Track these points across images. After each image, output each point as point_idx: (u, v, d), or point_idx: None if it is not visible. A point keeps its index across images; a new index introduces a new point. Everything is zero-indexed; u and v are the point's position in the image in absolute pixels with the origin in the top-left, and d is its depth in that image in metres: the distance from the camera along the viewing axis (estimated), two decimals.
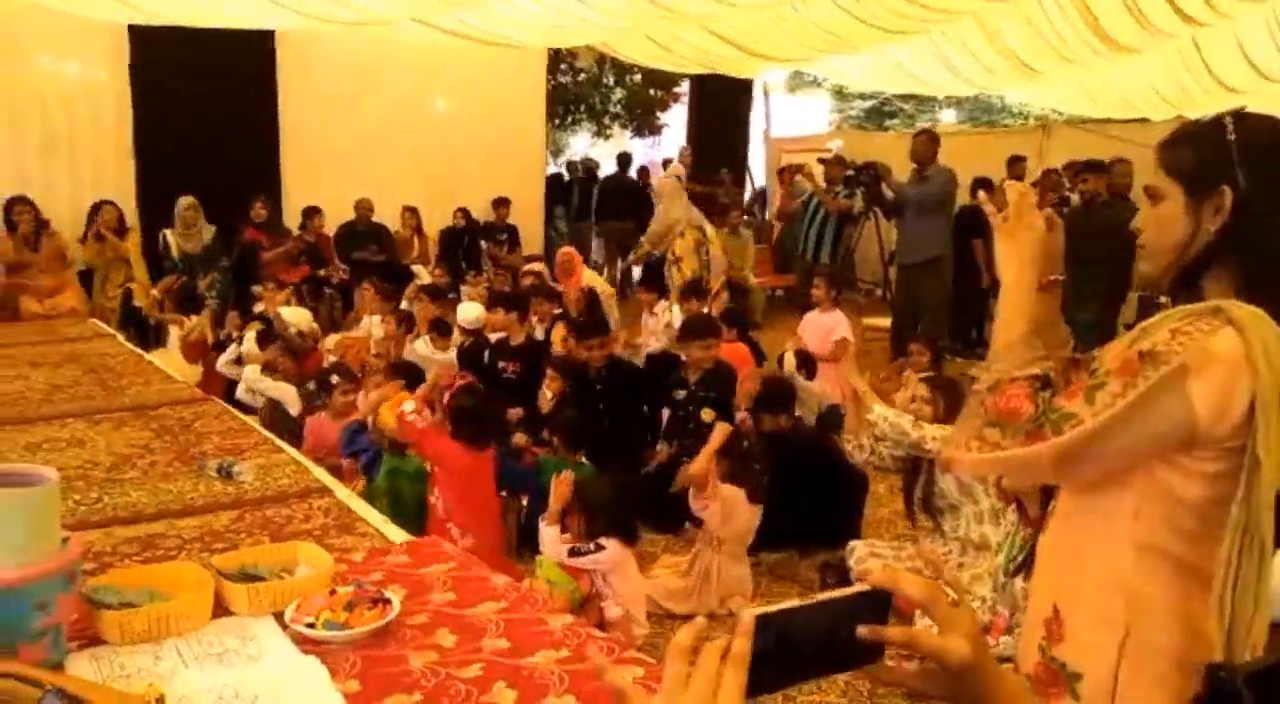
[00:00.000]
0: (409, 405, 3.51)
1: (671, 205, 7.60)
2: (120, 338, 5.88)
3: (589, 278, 7.55)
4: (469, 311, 5.67)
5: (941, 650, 0.86)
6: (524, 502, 3.96)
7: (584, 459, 3.97)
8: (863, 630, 0.83)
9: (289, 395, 4.86)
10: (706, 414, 4.25)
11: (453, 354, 5.44)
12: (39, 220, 6.88)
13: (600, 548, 3.00)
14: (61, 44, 7.30)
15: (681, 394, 4.61)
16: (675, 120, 15.20)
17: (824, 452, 4.21)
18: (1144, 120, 9.55)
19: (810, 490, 3.94)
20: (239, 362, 5.41)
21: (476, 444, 3.42)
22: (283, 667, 1.55)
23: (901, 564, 3.53)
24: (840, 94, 17.11)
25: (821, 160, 8.12)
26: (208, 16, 6.00)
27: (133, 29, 7.17)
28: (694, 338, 4.71)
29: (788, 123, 14.57)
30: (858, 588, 0.85)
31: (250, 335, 5.49)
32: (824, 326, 5.97)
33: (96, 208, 7.10)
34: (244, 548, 2.65)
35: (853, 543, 3.69)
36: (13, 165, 7.13)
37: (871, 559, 3.56)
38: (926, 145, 6.82)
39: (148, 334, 6.50)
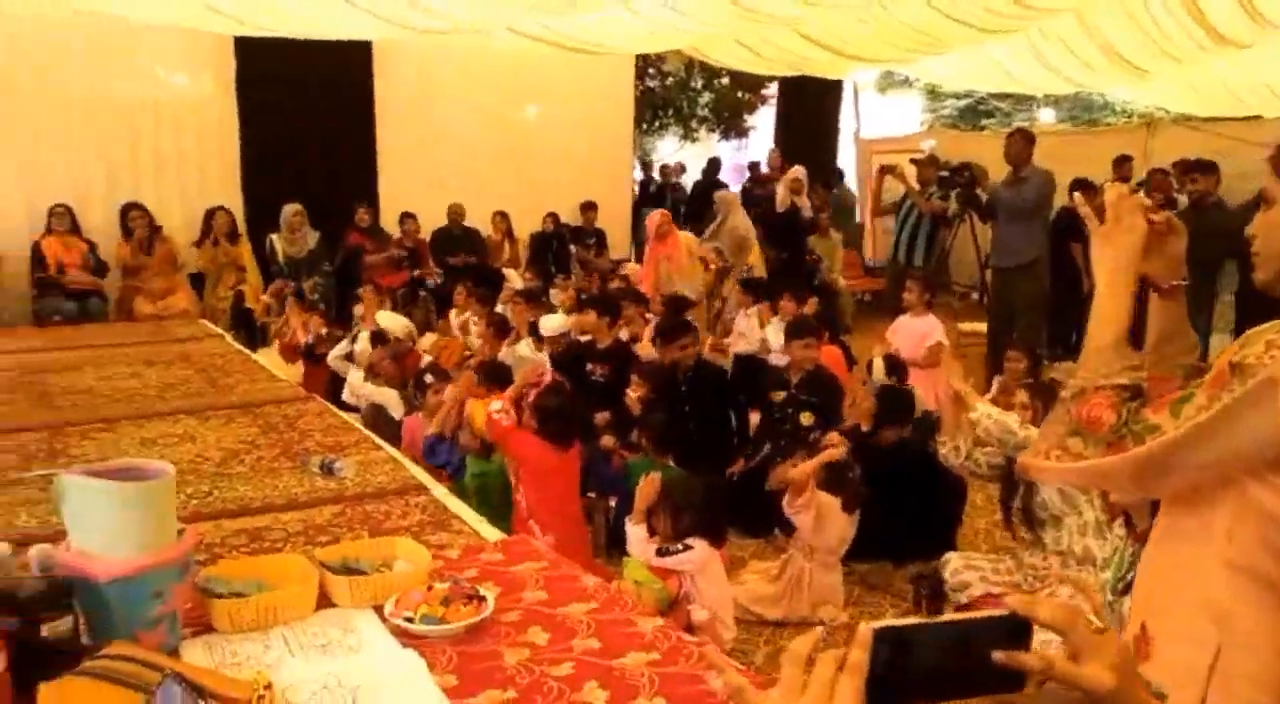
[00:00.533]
0: (497, 405, 3.57)
1: (732, 216, 7.62)
2: (228, 338, 6.13)
3: (685, 239, 7.58)
4: (550, 322, 5.72)
5: (1083, 680, 0.82)
6: (612, 503, 3.99)
7: (672, 462, 3.98)
8: (998, 655, 0.80)
9: (391, 399, 4.98)
10: (805, 417, 4.21)
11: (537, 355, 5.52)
12: (152, 226, 7.23)
13: (687, 548, 3.00)
14: (172, 58, 7.66)
15: (780, 395, 4.61)
16: (763, 123, 15.10)
17: (921, 460, 4.14)
18: (1256, 117, 9.09)
19: (906, 499, 3.86)
20: (349, 358, 5.57)
21: (561, 443, 3.46)
22: (383, 659, 1.60)
23: (1000, 577, 3.43)
24: (933, 93, 16.75)
25: (914, 161, 7.94)
26: (308, 28, 6.21)
27: (239, 43, 7.49)
28: (795, 337, 4.77)
29: (879, 123, 14.32)
30: (992, 611, 0.82)
31: (364, 335, 5.65)
32: (916, 331, 5.86)
33: (211, 214, 7.43)
34: (345, 542, 2.74)
35: (948, 555, 3.60)
36: (128, 173, 7.51)
37: (967, 572, 3.47)
38: (1022, 145, 6.63)
39: (255, 335, 6.78)
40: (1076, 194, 1.74)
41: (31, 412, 4.15)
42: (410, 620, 1.66)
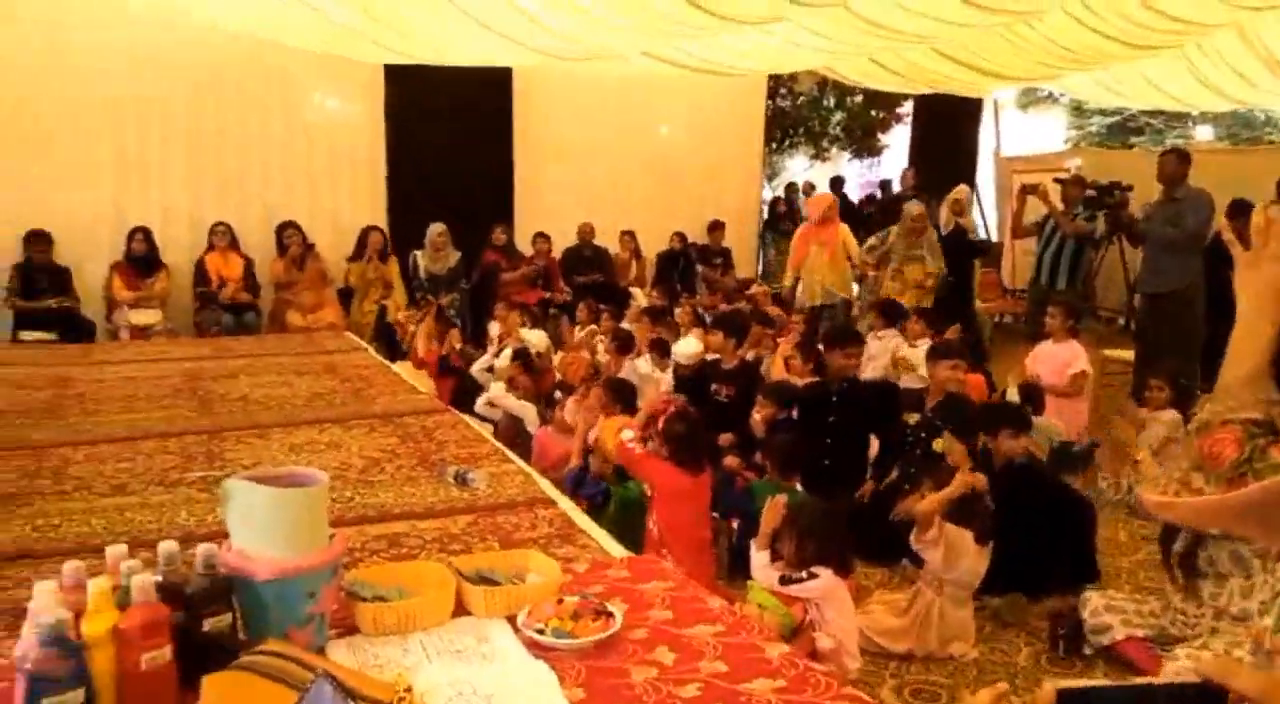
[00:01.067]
0: (629, 434, 3.60)
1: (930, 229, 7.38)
2: (371, 351, 6.43)
3: (844, 233, 7.48)
4: (685, 347, 5.72)
5: None
6: (735, 526, 3.97)
7: (798, 485, 3.93)
8: None
9: (529, 414, 5.11)
10: (939, 444, 4.09)
11: (659, 373, 5.54)
12: (305, 244, 7.65)
13: (813, 576, 2.95)
14: (327, 84, 8.12)
15: (914, 417, 4.49)
16: (897, 141, 14.81)
17: (1055, 489, 3.96)
18: None
19: (1040, 530, 3.70)
20: (490, 371, 5.74)
21: (691, 469, 3.47)
22: (515, 668, 1.64)
23: (1144, 621, 3.24)
24: (1078, 110, 16.05)
25: (1058, 180, 7.62)
26: (454, 56, 6.49)
27: (388, 70, 7.88)
28: (942, 358, 4.61)
29: (1020, 141, 13.81)
30: (1183, 679, 0.79)
31: (508, 351, 5.80)
32: (1058, 358, 5.61)
33: (366, 232, 7.83)
34: (479, 552, 2.83)
35: (1087, 593, 3.43)
36: (284, 193, 7.99)
37: (1108, 613, 3.29)
38: (1176, 165, 6.26)
39: (395, 348, 7.07)
40: (1223, 218, 1.65)
41: (193, 417, 4.45)
42: (541, 632, 1.70)
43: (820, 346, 4.98)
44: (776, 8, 4.71)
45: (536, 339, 6.38)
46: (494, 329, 7.14)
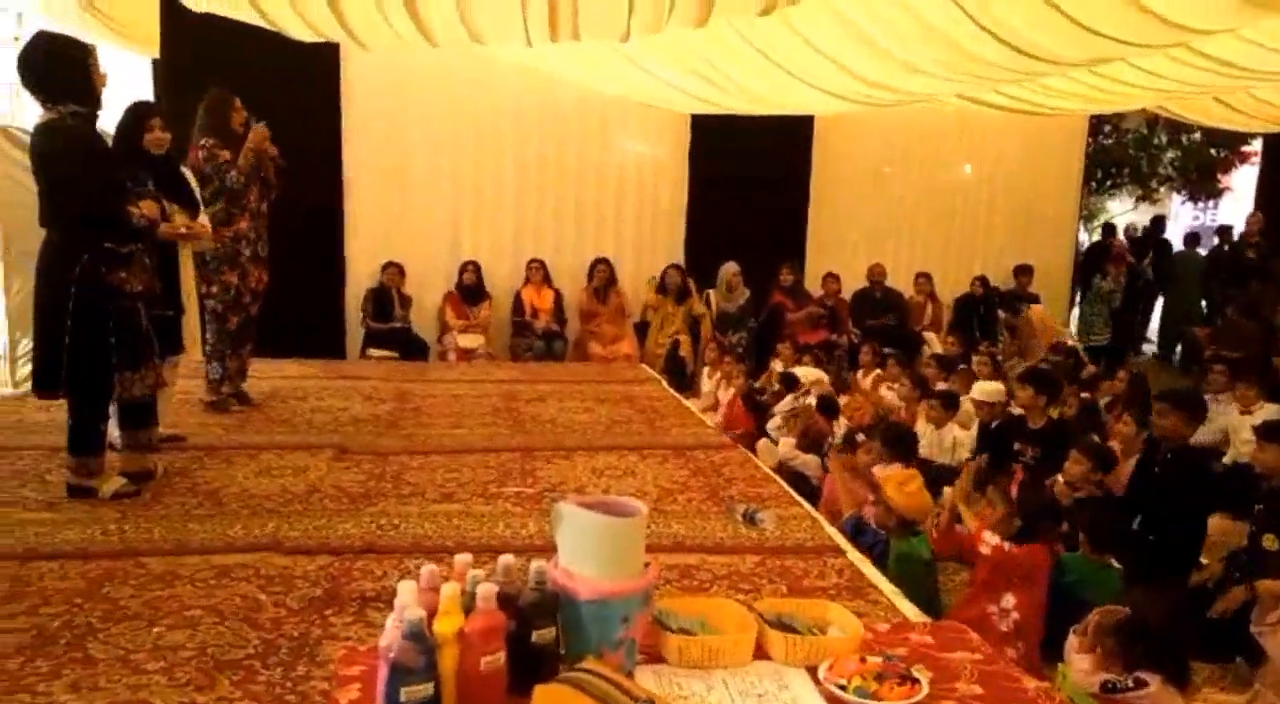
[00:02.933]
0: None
1: None
2: (663, 383, 6.69)
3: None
4: (985, 388, 5.43)
5: None
6: None
7: (1113, 561, 3.58)
8: None
9: (811, 466, 5.08)
10: (1269, 541, 3.55)
11: (959, 432, 5.27)
12: (610, 279, 8.12)
13: (1141, 684, 2.61)
14: (637, 130, 8.60)
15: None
16: (1241, 183, 13.22)
17: None
18: None
19: None
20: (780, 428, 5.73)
21: (1034, 541, 3.28)
22: None
23: None
24: None
25: None
26: (764, 105, 6.66)
27: (695, 118, 8.23)
28: (1273, 441, 3.86)
29: None
30: None
31: (812, 399, 5.73)
32: None
33: (666, 271, 8.21)
34: (766, 593, 2.85)
35: None
36: (594, 231, 8.54)
37: None
38: None
39: (685, 382, 7.31)
40: None
41: (508, 435, 4.86)
42: (843, 689, 1.68)
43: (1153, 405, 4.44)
44: (1101, 50, 4.39)
45: (812, 377, 6.32)
46: (776, 367, 7.17)
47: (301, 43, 5.28)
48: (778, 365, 7.24)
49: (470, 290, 7.83)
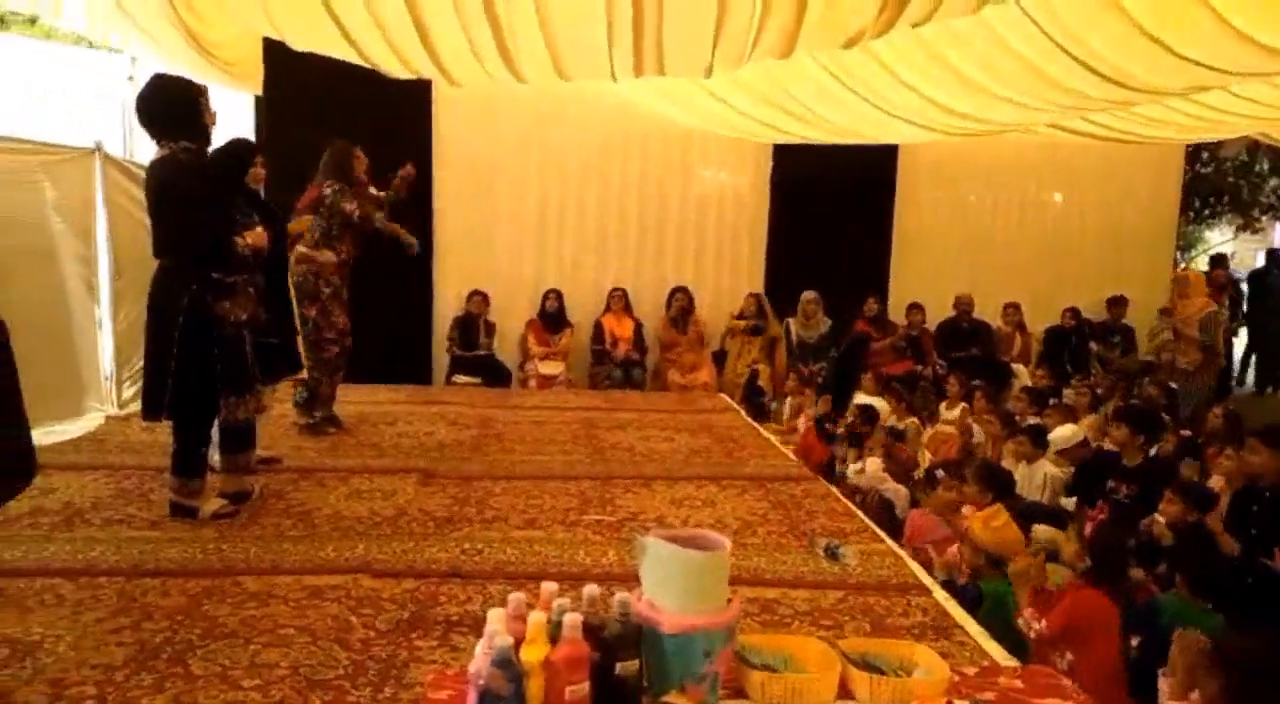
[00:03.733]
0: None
1: None
2: (741, 412, 6.68)
3: None
4: (1063, 433, 5.24)
5: None
6: (1134, 643, 3.55)
7: (1212, 607, 3.43)
8: None
9: (901, 497, 4.98)
10: None
11: (1050, 469, 5.11)
12: (689, 308, 8.14)
13: None
14: (718, 159, 8.65)
15: None
16: None
17: None
18: None
19: None
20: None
21: (1111, 581, 3.17)
22: None
23: None
24: None
25: None
26: (848, 135, 6.65)
27: (777, 146, 8.24)
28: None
29: None
30: None
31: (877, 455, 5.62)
32: None
33: (745, 299, 8.21)
34: (849, 630, 2.82)
35: None
36: (674, 260, 8.58)
37: None
38: None
39: (762, 411, 7.27)
40: None
41: (588, 463, 4.90)
42: None
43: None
44: (1199, 79, 4.27)
45: (879, 405, 6.22)
46: (859, 399, 7.07)
47: (395, 79, 5.50)
48: (861, 397, 7.15)
49: (552, 318, 7.94)
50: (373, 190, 5.21)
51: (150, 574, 3.05)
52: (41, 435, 4.45)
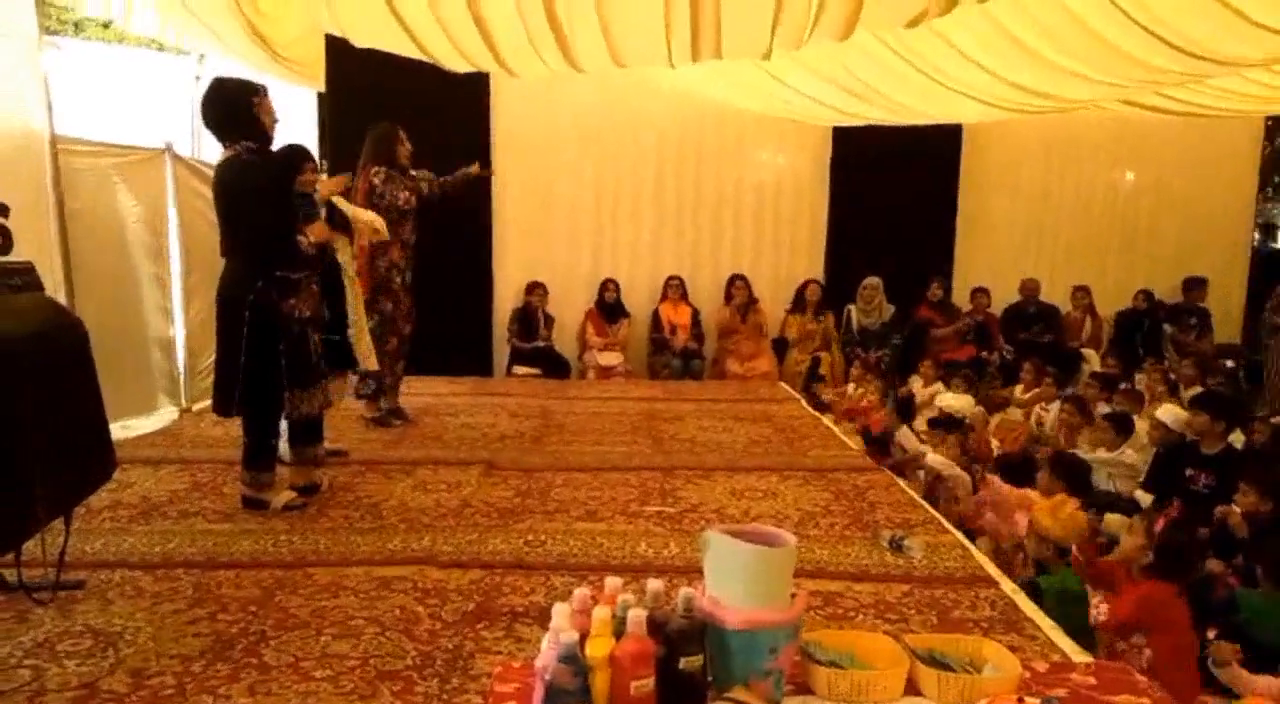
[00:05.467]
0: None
1: None
2: (802, 402, 6.61)
3: None
4: (1175, 412, 5.03)
5: None
6: (1210, 635, 3.44)
7: None
8: None
9: (963, 484, 4.89)
10: None
11: (1130, 455, 4.95)
12: (749, 296, 8.07)
13: None
14: (775, 143, 8.53)
15: None
16: None
17: None
18: None
19: None
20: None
21: (1175, 580, 3.08)
22: None
23: None
24: None
25: None
26: (911, 115, 6.51)
27: (836, 130, 8.11)
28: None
29: None
30: None
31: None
32: None
33: (804, 286, 8.12)
34: (915, 624, 2.77)
35: None
36: (732, 247, 8.51)
37: None
38: None
39: (824, 400, 7.18)
40: None
41: (648, 454, 4.90)
42: None
43: None
44: (1277, 48, 4.08)
45: (961, 404, 6.05)
46: (914, 385, 6.97)
47: (454, 72, 5.53)
48: (918, 382, 7.03)
49: (610, 308, 7.95)
50: (413, 172, 5.21)
51: (224, 566, 3.14)
52: (119, 431, 4.62)
